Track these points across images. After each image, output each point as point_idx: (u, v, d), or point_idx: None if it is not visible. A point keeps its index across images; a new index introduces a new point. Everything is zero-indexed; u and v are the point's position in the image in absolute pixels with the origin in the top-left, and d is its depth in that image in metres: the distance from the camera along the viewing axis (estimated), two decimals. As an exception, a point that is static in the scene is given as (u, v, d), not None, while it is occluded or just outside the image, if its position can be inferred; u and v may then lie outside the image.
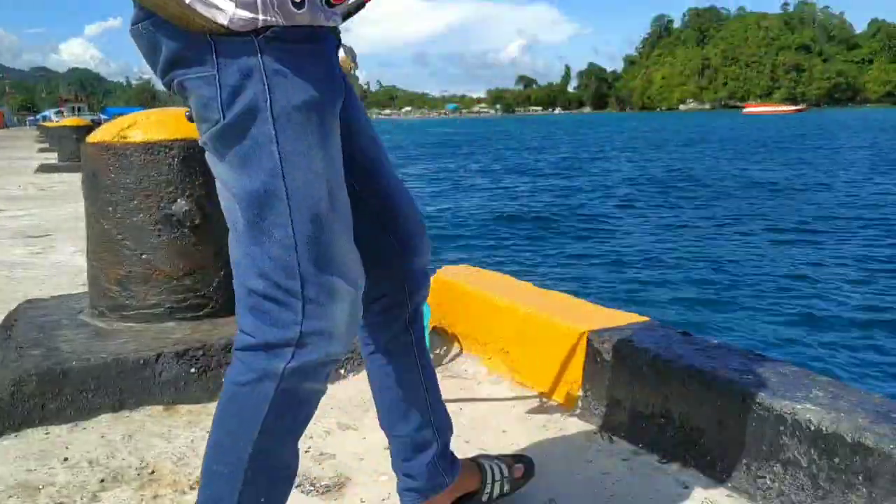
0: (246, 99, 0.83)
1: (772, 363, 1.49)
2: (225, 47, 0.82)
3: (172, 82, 0.88)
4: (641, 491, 1.40)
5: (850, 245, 9.04)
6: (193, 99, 0.87)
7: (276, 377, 0.88)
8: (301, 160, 0.85)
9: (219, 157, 0.88)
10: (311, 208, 0.86)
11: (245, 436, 0.89)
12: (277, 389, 0.88)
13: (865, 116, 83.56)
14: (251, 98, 0.83)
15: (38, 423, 1.68)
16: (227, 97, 0.83)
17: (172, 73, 0.87)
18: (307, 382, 0.91)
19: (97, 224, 2.04)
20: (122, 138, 1.98)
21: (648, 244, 9.51)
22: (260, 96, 0.83)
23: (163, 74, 0.89)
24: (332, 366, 0.94)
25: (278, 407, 0.89)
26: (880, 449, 1.13)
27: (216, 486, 0.91)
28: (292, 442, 0.95)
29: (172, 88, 0.90)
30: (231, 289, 0.94)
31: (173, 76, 0.87)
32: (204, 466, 0.93)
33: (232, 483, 0.90)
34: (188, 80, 0.86)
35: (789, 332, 5.67)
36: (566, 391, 1.79)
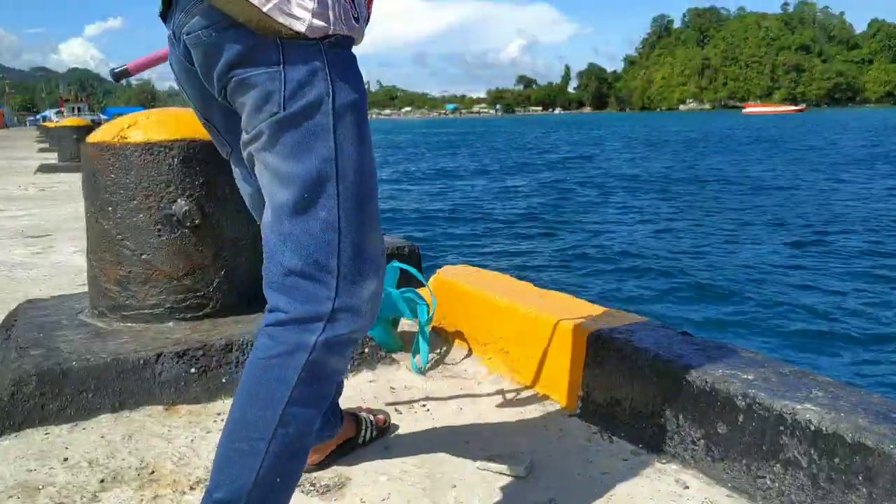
0: (311, 94, 0.94)
1: (772, 363, 1.49)
2: (292, 49, 0.94)
3: (229, 81, 0.98)
4: (641, 491, 1.40)
5: (850, 245, 9.04)
6: (254, 92, 0.96)
7: (307, 349, 0.95)
8: (352, 151, 0.97)
9: (272, 143, 0.96)
10: (356, 195, 0.97)
11: (274, 407, 0.94)
12: (308, 361, 0.95)
13: (866, 116, 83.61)
14: (316, 93, 0.95)
15: (38, 424, 1.68)
16: (290, 92, 0.94)
17: (233, 71, 0.96)
18: (334, 357, 0.98)
19: (97, 224, 2.04)
20: (122, 138, 1.98)
21: (649, 244, 9.51)
22: (324, 92, 0.95)
23: (220, 76, 0.99)
24: (355, 345, 1.02)
25: (307, 378, 0.95)
26: (880, 449, 1.13)
27: (236, 464, 0.94)
28: (313, 419, 0.99)
29: (226, 89, 0.99)
30: (231, 289, 0.98)
31: (234, 74, 0.97)
32: (222, 448, 0.96)
33: (254, 459, 0.93)
34: (252, 77, 0.95)
35: (789, 332, 5.68)
36: (566, 391, 1.79)
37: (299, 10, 0.93)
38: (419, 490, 1.40)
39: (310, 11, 0.93)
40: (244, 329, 1.98)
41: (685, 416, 1.48)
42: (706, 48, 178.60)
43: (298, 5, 0.93)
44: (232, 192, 2.08)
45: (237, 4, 0.93)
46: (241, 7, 0.93)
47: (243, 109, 0.99)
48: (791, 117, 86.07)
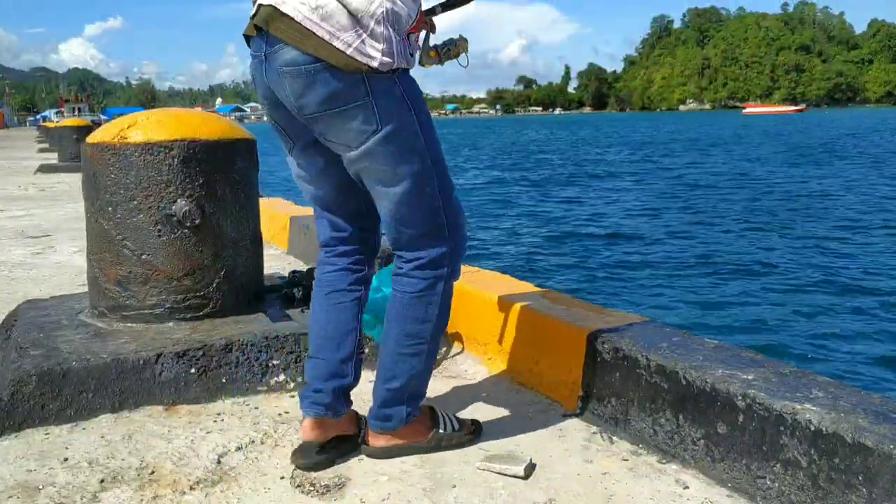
0: (398, 111, 1.30)
1: (772, 363, 1.49)
2: (374, 82, 1.27)
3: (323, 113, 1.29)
4: (641, 491, 1.40)
5: (850, 245, 9.04)
6: (354, 122, 1.29)
7: (443, 279, 1.42)
8: (435, 147, 1.37)
9: (381, 154, 1.31)
10: (442, 176, 1.38)
11: (428, 320, 1.42)
12: (445, 286, 1.43)
13: (867, 116, 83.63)
14: (402, 110, 1.30)
15: (38, 424, 1.68)
16: (383, 114, 1.28)
17: (329, 105, 1.28)
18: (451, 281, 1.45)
19: (97, 224, 2.04)
20: (122, 139, 1.98)
21: (648, 244, 9.51)
22: (406, 108, 1.31)
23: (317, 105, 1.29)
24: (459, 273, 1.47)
25: (446, 298, 1.44)
26: (880, 449, 1.13)
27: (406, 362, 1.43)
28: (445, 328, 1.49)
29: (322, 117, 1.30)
30: (231, 289, 1.02)
31: (330, 107, 1.28)
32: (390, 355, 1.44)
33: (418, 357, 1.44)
34: (350, 110, 1.28)
35: (789, 332, 5.67)
36: (566, 391, 1.79)
37: (373, 51, 1.25)
38: (419, 490, 1.40)
39: (380, 52, 1.25)
40: (244, 329, 1.98)
41: (685, 416, 1.48)
42: (706, 48, 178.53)
43: (372, 47, 1.25)
44: (232, 192, 2.09)
45: (326, 49, 1.24)
46: (330, 51, 1.24)
47: (341, 133, 1.31)
48: (791, 117, 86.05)
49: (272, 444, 1.61)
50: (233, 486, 1.42)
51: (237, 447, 1.59)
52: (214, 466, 1.50)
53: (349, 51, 1.24)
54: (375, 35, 1.25)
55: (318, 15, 1.24)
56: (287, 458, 1.53)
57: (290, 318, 2.10)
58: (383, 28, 1.26)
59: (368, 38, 1.25)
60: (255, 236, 2.20)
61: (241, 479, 1.45)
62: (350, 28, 1.24)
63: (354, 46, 1.24)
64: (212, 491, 1.40)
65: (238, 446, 1.59)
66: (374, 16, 1.25)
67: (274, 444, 1.61)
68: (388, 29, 1.26)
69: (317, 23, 1.24)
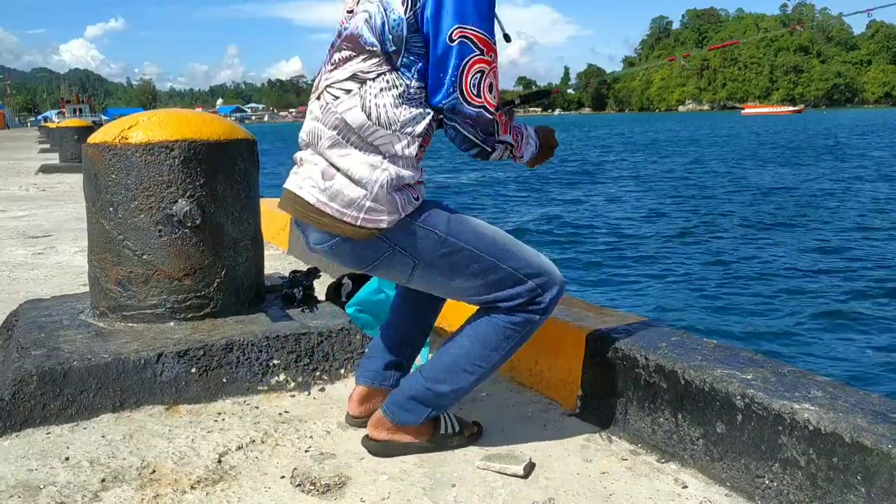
0: (425, 240, 1.39)
1: (771, 363, 1.49)
2: (391, 234, 1.38)
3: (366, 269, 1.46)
4: (640, 491, 1.40)
5: (850, 245, 9.04)
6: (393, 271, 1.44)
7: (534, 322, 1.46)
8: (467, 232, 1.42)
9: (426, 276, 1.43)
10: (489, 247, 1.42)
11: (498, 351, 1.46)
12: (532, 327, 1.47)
13: (866, 116, 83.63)
14: (427, 237, 1.39)
15: (39, 423, 1.69)
16: (412, 252, 1.40)
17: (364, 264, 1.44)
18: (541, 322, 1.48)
19: (98, 224, 2.05)
20: (123, 139, 1.99)
21: (648, 244, 9.51)
22: (429, 230, 1.39)
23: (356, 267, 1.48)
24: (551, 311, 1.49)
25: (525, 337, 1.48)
26: (879, 449, 1.14)
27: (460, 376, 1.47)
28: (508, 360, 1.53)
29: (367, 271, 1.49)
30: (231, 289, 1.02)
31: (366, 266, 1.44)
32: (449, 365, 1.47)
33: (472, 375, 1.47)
34: (381, 264, 1.42)
35: (789, 333, 5.68)
36: (566, 391, 1.79)
37: (379, 216, 1.35)
38: (419, 490, 1.40)
39: (386, 213, 1.35)
40: (245, 329, 1.99)
41: (684, 415, 1.48)
42: (705, 49, 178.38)
43: (377, 213, 1.34)
44: (233, 192, 2.09)
45: (339, 226, 1.36)
46: (342, 227, 1.36)
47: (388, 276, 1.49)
48: (791, 118, 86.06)
49: (273, 444, 1.61)
50: (233, 485, 1.43)
51: (238, 447, 1.59)
52: (215, 466, 1.51)
53: (358, 223, 1.35)
54: (379, 200, 1.34)
55: (327, 195, 1.36)
56: (287, 458, 1.54)
57: (291, 318, 2.10)
58: (386, 192, 1.34)
59: (372, 204, 1.34)
60: (255, 236, 2.21)
61: (242, 479, 1.45)
62: (355, 202, 1.34)
63: (362, 218, 1.34)
64: (212, 490, 1.41)
65: (238, 446, 1.60)
66: (378, 182, 1.33)
67: (274, 443, 1.62)
68: (391, 193, 1.35)
69: (326, 203, 1.36)
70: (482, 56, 1.31)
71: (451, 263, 1.41)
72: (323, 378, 1.98)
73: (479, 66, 1.31)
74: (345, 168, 1.34)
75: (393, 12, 1.31)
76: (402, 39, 1.32)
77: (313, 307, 2.21)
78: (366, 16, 1.35)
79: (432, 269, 1.41)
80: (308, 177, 1.39)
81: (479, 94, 1.33)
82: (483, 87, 1.33)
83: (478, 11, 1.30)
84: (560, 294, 1.47)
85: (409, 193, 1.38)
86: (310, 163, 1.40)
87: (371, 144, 1.34)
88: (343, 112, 1.35)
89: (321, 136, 1.38)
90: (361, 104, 1.33)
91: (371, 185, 1.33)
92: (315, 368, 1.99)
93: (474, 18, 1.29)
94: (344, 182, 1.35)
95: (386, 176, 1.34)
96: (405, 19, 1.31)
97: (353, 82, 1.35)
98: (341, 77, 1.37)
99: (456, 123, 1.36)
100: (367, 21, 1.34)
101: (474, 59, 1.30)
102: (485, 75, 1.32)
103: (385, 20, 1.32)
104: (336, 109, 1.36)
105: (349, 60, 1.36)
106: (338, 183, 1.35)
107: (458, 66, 1.30)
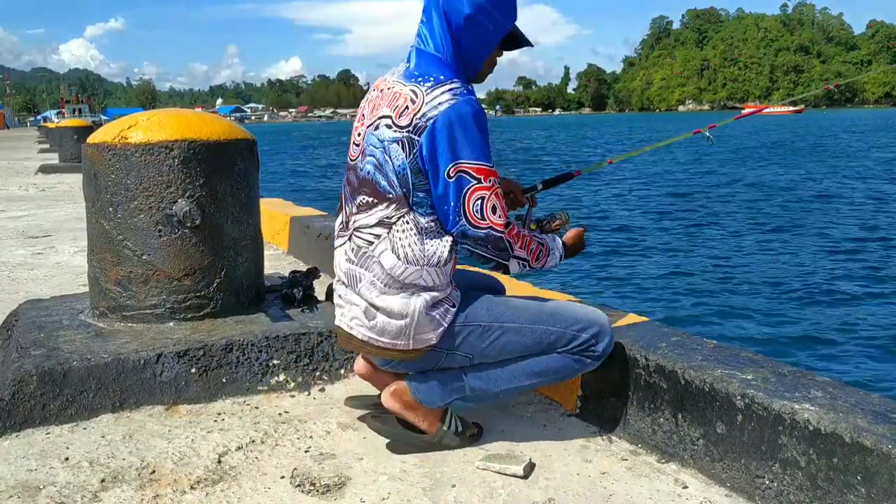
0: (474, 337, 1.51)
1: (771, 363, 1.49)
2: (443, 341, 1.49)
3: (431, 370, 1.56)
4: (640, 491, 1.40)
5: (850, 246, 9.04)
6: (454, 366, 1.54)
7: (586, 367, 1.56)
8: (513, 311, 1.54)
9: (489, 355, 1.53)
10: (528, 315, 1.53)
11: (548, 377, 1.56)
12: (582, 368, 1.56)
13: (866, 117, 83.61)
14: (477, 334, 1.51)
15: (39, 423, 1.69)
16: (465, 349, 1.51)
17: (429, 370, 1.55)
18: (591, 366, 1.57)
19: (98, 224, 2.05)
20: (122, 139, 1.99)
21: (648, 244, 9.51)
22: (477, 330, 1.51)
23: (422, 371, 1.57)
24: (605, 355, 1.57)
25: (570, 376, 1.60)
26: (879, 449, 1.14)
27: (495, 383, 1.54)
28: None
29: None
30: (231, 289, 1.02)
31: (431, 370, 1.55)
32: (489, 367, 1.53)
33: (505, 388, 1.55)
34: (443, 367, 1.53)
35: (789, 333, 5.68)
36: (565, 391, 1.79)
37: (425, 335, 1.47)
38: (419, 490, 1.40)
39: (431, 330, 1.47)
40: (244, 329, 1.99)
41: (684, 416, 1.48)
42: (705, 49, 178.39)
43: (423, 333, 1.46)
44: (232, 192, 2.09)
45: (393, 353, 1.49)
46: (396, 353, 1.49)
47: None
48: (790, 118, 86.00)
49: (272, 444, 1.61)
50: (233, 485, 1.43)
51: (237, 447, 1.59)
52: (215, 466, 1.51)
53: (410, 347, 1.47)
54: (421, 323, 1.45)
55: (375, 332, 1.48)
56: (287, 458, 1.54)
57: (290, 318, 2.10)
58: (425, 314, 1.45)
59: (417, 329, 1.45)
60: (255, 236, 2.21)
61: (242, 479, 1.45)
62: (402, 332, 1.45)
63: (413, 342, 1.47)
64: (212, 490, 1.41)
65: (238, 446, 1.60)
66: (415, 309, 1.44)
67: (274, 443, 1.62)
68: (429, 313, 1.45)
69: (377, 339, 1.48)
70: (480, 184, 1.41)
71: (503, 344, 1.51)
72: (323, 378, 1.98)
73: (478, 193, 1.42)
74: (384, 307, 1.45)
75: (397, 158, 1.41)
76: (408, 182, 1.42)
77: (313, 307, 2.21)
78: (374, 161, 1.45)
79: (488, 354, 1.52)
80: (354, 317, 1.51)
81: (484, 218, 1.43)
82: (486, 210, 1.43)
83: (470, 146, 1.39)
84: (611, 344, 1.56)
85: (444, 306, 1.48)
86: (351, 303, 1.51)
87: (403, 282, 1.44)
88: (378, 256, 1.45)
89: (360, 279, 1.48)
90: (392, 247, 1.44)
91: (411, 314, 1.44)
92: (315, 369, 1.98)
93: (467, 153, 1.39)
94: (385, 319, 1.46)
95: (421, 302, 1.44)
96: (408, 163, 1.41)
97: (380, 228, 1.45)
98: (370, 223, 1.46)
99: (468, 246, 1.48)
100: (378, 168, 1.45)
101: (472, 188, 1.41)
102: (485, 200, 1.42)
103: (392, 167, 1.42)
104: (372, 254, 1.46)
105: (373, 207, 1.46)
106: (380, 321, 1.46)
107: (459, 198, 1.41)
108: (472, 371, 1.54)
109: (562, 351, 1.52)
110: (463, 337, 1.50)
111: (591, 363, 1.55)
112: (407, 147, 1.40)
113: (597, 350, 1.53)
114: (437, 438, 1.57)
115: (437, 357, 1.51)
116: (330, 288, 2.36)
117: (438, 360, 1.52)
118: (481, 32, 1.44)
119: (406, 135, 1.39)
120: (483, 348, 1.51)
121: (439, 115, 1.37)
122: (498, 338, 1.51)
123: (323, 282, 2.43)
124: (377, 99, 1.49)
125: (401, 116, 1.40)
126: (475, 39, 1.44)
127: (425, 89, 1.40)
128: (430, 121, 1.37)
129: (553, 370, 1.54)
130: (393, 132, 1.41)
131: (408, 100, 1.40)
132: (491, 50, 1.48)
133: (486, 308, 1.53)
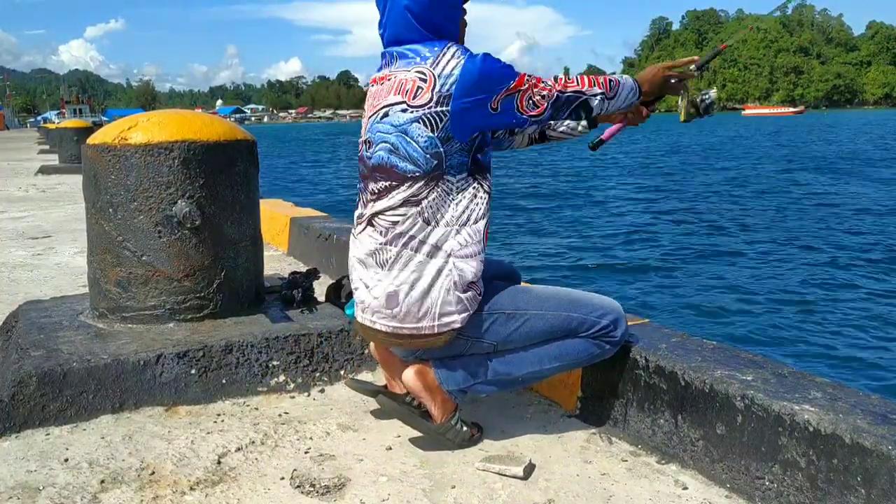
0: (499, 325, 1.53)
1: (771, 364, 1.49)
2: (465, 328, 1.50)
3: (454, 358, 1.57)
4: (640, 491, 1.40)
5: (849, 246, 9.04)
6: (477, 354, 1.56)
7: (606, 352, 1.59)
8: (535, 304, 1.56)
9: (514, 342, 1.56)
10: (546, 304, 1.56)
11: (564, 362, 1.57)
12: (602, 354, 1.59)
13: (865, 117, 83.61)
14: (501, 321, 1.53)
15: (38, 424, 1.69)
16: (490, 337, 1.54)
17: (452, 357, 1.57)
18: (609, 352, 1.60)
19: (98, 225, 2.05)
20: (122, 140, 1.99)
21: (648, 246, 9.51)
22: (501, 317, 1.53)
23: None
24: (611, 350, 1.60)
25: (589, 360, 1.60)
26: (879, 450, 1.14)
27: (518, 367, 1.57)
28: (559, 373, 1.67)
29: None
30: (231, 290, 1.01)
31: (454, 357, 1.57)
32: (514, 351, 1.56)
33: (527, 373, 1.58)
34: (466, 355, 1.56)
35: (788, 334, 5.68)
36: (566, 392, 1.79)
37: (450, 318, 1.47)
38: (419, 491, 1.40)
39: (456, 313, 1.47)
40: (244, 330, 1.98)
41: (684, 416, 1.48)
42: (705, 50, 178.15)
43: (448, 315, 1.47)
44: (232, 193, 2.09)
45: (420, 342, 1.50)
46: (423, 342, 1.50)
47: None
48: (790, 119, 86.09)
49: (272, 445, 1.61)
50: (233, 486, 1.43)
51: (237, 448, 1.59)
52: (214, 467, 1.51)
53: (436, 331, 1.47)
54: (449, 303, 1.46)
55: (398, 320, 1.48)
56: (287, 459, 1.54)
57: (290, 319, 2.10)
58: (453, 295, 1.46)
59: (442, 308, 1.46)
60: (255, 237, 2.21)
61: (241, 480, 1.45)
62: (427, 313, 1.46)
63: (437, 325, 1.47)
64: (212, 491, 1.41)
65: (238, 447, 1.60)
66: (444, 287, 1.46)
67: (274, 444, 1.62)
68: (458, 294, 1.46)
69: (401, 327, 1.48)
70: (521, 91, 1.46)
71: (527, 330, 1.54)
72: (322, 379, 1.98)
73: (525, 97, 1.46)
74: (412, 281, 1.46)
75: (421, 136, 1.42)
76: (440, 153, 1.43)
77: (313, 308, 2.21)
78: (388, 146, 1.46)
79: (513, 340, 1.55)
80: (375, 311, 1.51)
81: (537, 105, 1.48)
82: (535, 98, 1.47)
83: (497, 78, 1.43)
84: (627, 332, 1.60)
85: (473, 292, 1.49)
86: (372, 295, 1.50)
87: (436, 246, 1.45)
88: (408, 230, 1.46)
89: (388, 256, 1.47)
90: (423, 218, 1.45)
91: (439, 291, 1.45)
92: (315, 370, 1.98)
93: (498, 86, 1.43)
94: (411, 300, 1.46)
95: (451, 279, 1.46)
96: (435, 136, 1.42)
97: (407, 207, 1.46)
98: (392, 205, 1.47)
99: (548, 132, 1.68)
100: (394, 152, 1.45)
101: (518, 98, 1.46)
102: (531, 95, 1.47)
103: (417, 145, 1.43)
104: (399, 230, 1.46)
105: (393, 190, 1.47)
106: (405, 304, 1.47)
107: (513, 111, 1.46)
108: (495, 356, 1.56)
109: (584, 335, 1.55)
110: (489, 325, 1.52)
111: (610, 349, 1.58)
112: (431, 121, 1.42)
113: (615, 336, 1.56)
114: (442, 430, 1.57)
115: (463, 345, 1.53)
116: (330, 289, 2.36)
117: (464, 347, 1.54)
118: (447, 4, 1.49)
119: (427, 111, 1.41)
120: (508, 334, 1.54)
121: (457, 79, 1.40)
122: (523, 324, 1.54)
123: (323, 283, 2.43)
124: (378, 91, 1.50)
125: (415, 98, 1.42)
126: (444, 10, 1.49)
127: (429, 66, 1.43)
128: (452, 86, 1.40)
129: (574, 354, 1.56)
130: (410, 114, 1.43)
131: (417, 81, 1.43)
132: (461, 11, 1.53)
133: (511, 296, 1.56)
